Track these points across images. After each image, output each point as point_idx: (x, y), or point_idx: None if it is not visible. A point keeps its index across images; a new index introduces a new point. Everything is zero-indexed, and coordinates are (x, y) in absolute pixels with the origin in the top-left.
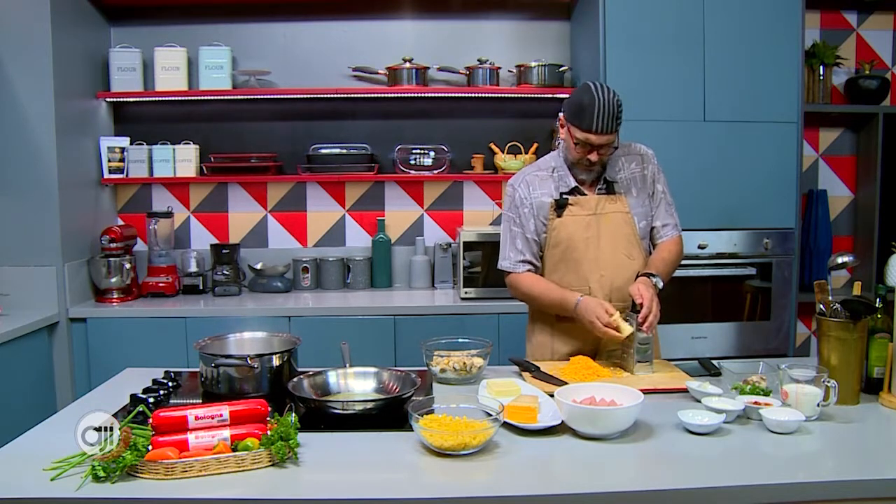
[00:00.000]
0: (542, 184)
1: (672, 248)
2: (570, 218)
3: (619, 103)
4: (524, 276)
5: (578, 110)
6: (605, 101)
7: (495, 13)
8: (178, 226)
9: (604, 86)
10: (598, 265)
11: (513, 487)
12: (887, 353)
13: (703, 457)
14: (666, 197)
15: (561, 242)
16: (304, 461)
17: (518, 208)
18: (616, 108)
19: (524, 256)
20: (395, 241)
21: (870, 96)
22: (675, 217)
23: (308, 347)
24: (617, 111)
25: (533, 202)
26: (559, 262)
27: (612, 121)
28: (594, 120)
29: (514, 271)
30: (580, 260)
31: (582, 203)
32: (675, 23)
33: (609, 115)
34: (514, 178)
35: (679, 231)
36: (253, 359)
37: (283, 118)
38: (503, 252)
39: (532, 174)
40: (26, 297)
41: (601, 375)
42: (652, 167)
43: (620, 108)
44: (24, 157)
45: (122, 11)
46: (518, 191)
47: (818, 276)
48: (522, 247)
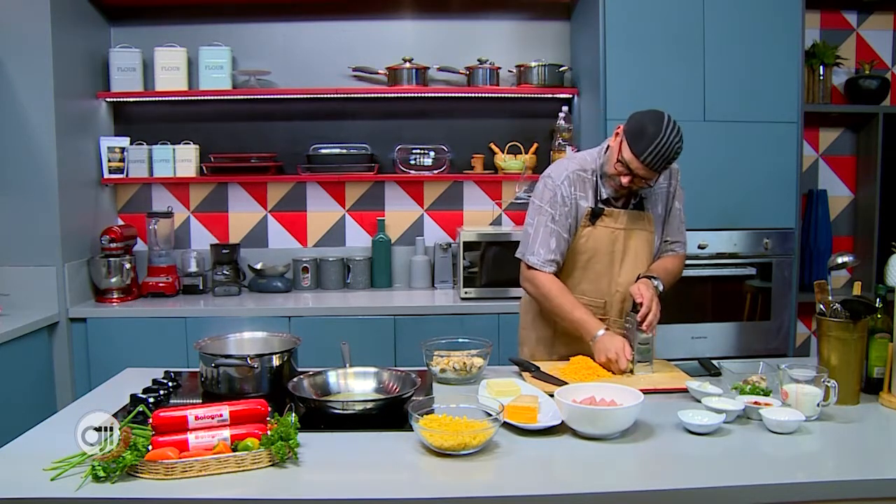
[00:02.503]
0: (584, 186)
1: (676, 262)
2: (602, 229)
3: (678, 149)
4: (548, 280)
5: (639, 132)
6: (666, 140)
7: (495, 13)
8: (178, 226)
9: (675, 125)
10: (617, 280)
11: (513, 487)
12: (887, 353)
13: (703, 457)
14: (680, 215)
15: (587, 251)
16: (304, 461)
17: (559, 206)
18: (672, 152)
19: (555, 257)
20: (395, 241)
21: (870, 96)
22: (684, 236)
23: (308, 347)
24: (672, 155)
25: (574, 203)
26: (580, 269)
27: (662, 161)
28: (647, 150)
29: (540, 269)
30: (602, 273)
31: (614, 216)
32: (675, 23)
33: (663, 155)
34: (556, 172)
35: (685, 251)
36: (253, 359)
37: (283, 118)
38: (531, 246)
39: (576, 172)
40: (26, 297)
41: (601, 375)
42: (675, 184)
43: (677, 154)
44: (24, 157)
45: (122, 11)
46: (562, 188)
47: (818, 276)
48: (556, 246)
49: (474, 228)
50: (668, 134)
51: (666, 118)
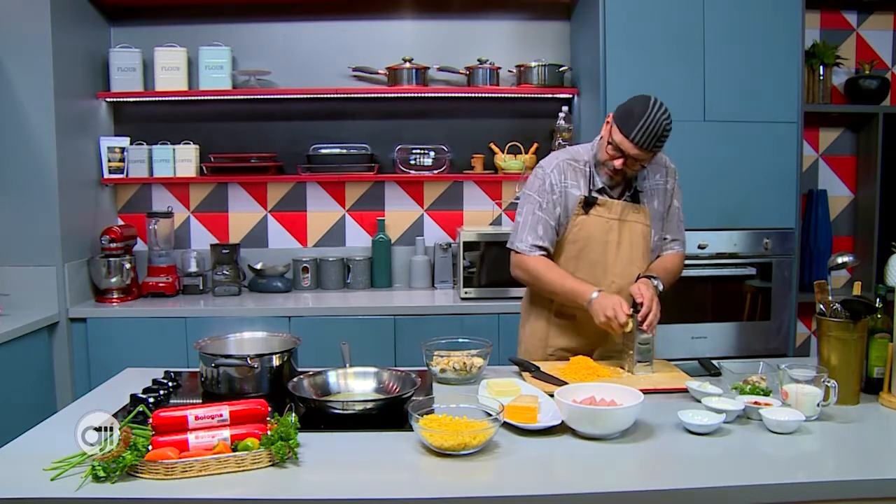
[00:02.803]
0: (576, 175)
1: (675, 260)
2: (596, 218)
3: (667, 126)
4: (535, 259)
5: (627, 114)
6: (653, 118)
7: (495, 13)
8: (178, 226)
9: (662, 105)
10: (612, 271)
11: (513, 487)
12: (887, 353)
13: (703, 457)
14: (679, 213)
15: (580, 240)
16: (304, 461)
17: (547, 194)
18: (661, 129)
19: (542, 243)
20: (395, 241)
21: (870, 96)
22: (683, 234)
23: (308, 347)
24: (661, 132)
25: (564, 191)
26: (573, 259)
27: (652, 139)
28: (636, 130)
29: (526, 254)
30: (595, 262)
31: (609, 206)
32: (675, 23)
33: (652, 133)
34: (547, 162)
35: (684, 249)
36: (253, 359)
37: (283, 118)
38: (519, 234)
39: (566, 161)
40: (26, 297)
41: (601, 375)
42: (673, 182)
43: (666, 131)
44: (24, 157)
45: (122, 11)
46: (550, 176)
47: (818, 276)
48: (543, 233)
49: (474, 228)
50: (655, 112)
51: (652, 99)
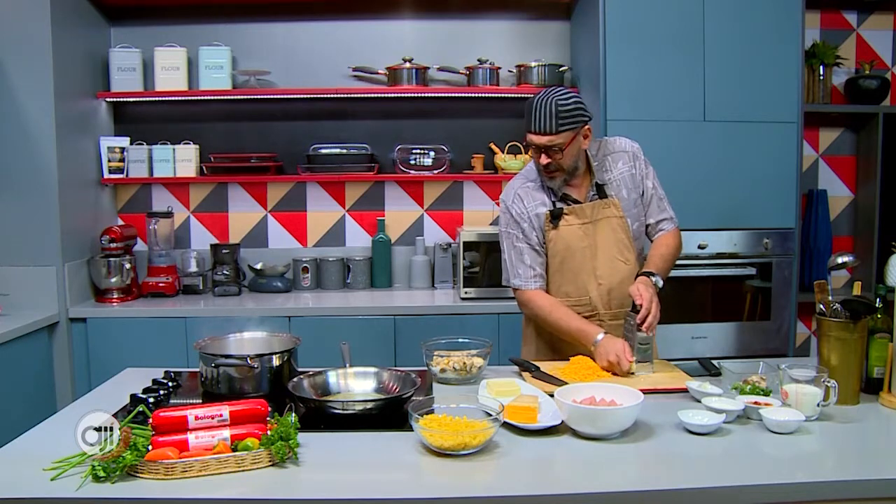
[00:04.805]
0: (535, 195)
1: (670, 241)
2: (567, 228)
3: (559, 104)
4: (538, 296)
5: (525, 113)
6: (542, 102)
7: (495, 13)
8: (178, 226)
9: (553, 88)
10: (596, 274)
11: (513, 487)
12: (887, 353)
13: (703, 457)
14: (657, 192)
15: (558, 253)
16: (304, 461)
17: (518, 223)
18: (554, 108)
19: (536, 271)
20: (395, 241)
21: (870, 96)
22: (669, 210)
23: (308, 347)
24: (555, 110)
25: (530, 214)
26: (556, 273)
27: (549, 120)
28: (531, 119)
29: (527, 289)
30: (578, 270)
31: (577, 212)
32: (675, 23)
33: (546, 114)
34: (505, 195)
35: (675, 224)
36: (253, 359)
37: (283, 118)
38: (512, 270)
39: (521, 187)
40: (26, 297)
41: (601, 375)
42: (640, 164)
43: (561, 108)
44: (24, 157)
45: (122, 11)
46: (514, 207)
47: (818, 276)
48: (532, 261)
49: (474, 228)
50: (545, 96)
51: (544, 88)
